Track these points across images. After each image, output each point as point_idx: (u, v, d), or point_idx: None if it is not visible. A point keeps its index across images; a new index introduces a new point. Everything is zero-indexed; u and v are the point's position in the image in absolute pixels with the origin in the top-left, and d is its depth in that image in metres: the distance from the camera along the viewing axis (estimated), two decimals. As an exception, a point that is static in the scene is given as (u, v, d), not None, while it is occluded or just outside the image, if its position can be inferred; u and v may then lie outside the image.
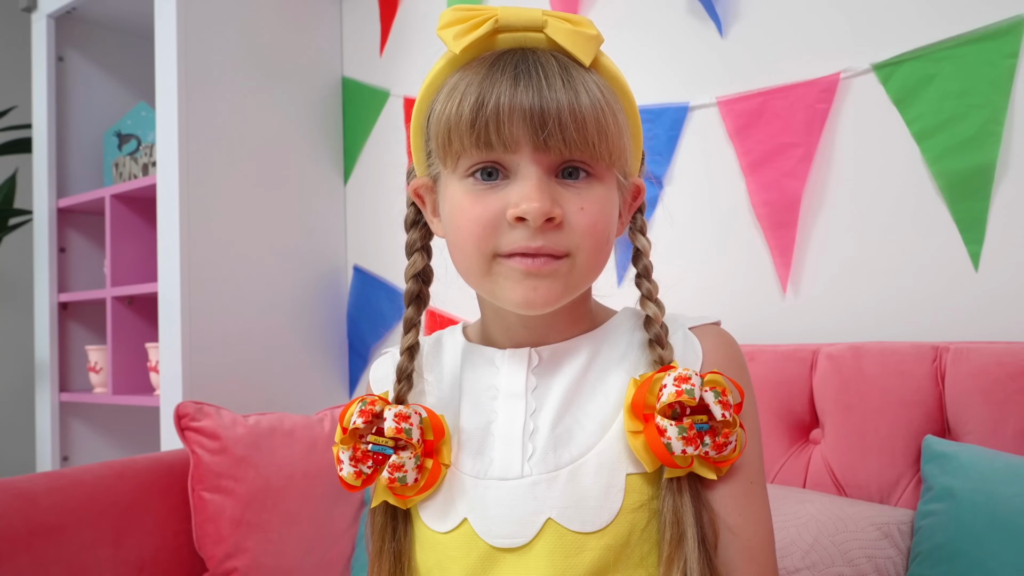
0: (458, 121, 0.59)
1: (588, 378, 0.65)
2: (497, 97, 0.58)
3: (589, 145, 0.59)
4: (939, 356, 1.07)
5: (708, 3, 1.42)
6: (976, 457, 0.94)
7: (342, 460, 0.63)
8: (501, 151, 0.59)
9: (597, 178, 0.61)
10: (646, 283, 0.67)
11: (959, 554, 0.88)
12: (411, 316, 0.68)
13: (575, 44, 0.60)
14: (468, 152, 0.60)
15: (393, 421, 0.62)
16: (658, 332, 0.65)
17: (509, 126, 0.58)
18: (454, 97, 0.60)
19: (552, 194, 0.59)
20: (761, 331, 1.35)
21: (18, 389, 2.47)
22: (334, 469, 0.65)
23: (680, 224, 1.45)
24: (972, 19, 1.17)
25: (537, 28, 0.60)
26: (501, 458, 0.63)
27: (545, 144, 0.58)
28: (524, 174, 0.59)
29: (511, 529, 0.61)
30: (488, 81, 0.59)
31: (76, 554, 1.18)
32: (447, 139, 0.60)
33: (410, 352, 0.67)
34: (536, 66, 0.59)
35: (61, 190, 2.03)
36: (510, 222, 0.59)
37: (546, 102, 0.57)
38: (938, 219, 1.21)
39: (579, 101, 0.58)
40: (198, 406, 1.36)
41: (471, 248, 0.61)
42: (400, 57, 1.94)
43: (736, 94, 1.39)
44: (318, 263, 1.96)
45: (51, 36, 2.02)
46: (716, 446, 0.60)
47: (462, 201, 0.61)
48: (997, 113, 1.14)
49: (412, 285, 0.69)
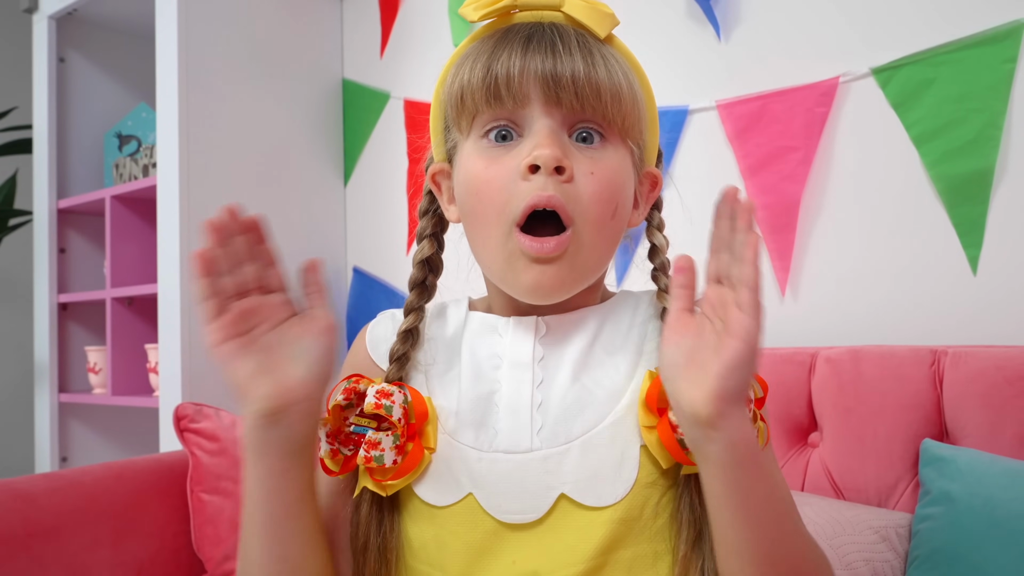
0: (471, 79, 0.60)
1: (596, 349, 0.63)
2: (509, 56, 0.58)
3: (602, 105, 0.59)
4: (937, 360, 1.07)
5: (707, 6, 1.42)
6: (974, 461, 0.95)
7: (320, 439, 0.61)
8: (512, 105, 0.59)
9: (611, 144, 0.61)
10: (664, 278, 0.66)
11: (957, 558, 0.88)
12: (412, 301, 0.67)
13: (592, 19, 0.61)
14: (481, 109, 0.60)
15: (374, 397, 0.60)
16: None
17: (521, 80, 0.58)
18: (467, 62, 0.61)
19: (564, 146, 0.59)
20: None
21: (17, 389, 2.47)
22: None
23: (679, 227, 1.45)
24: (971, 23, 1.17)
25: (555, 7, 0.61)
26: (507, 431, 0.61)
27: (557, 98, 0.58)
28: (537, 127, 0.59)
29: (522, 504, 0.59)
30: (501, 45, 0.59)
31: (75, 555, 1.18)
32: (460, 99, 0.61)
33: (405, 336, 0.65)
34: (552, 32, 0.59)
35: (61, 191, 2.03)
36: (523, 174, 0.58)
37: (560, 64, 0.58)
38: (937, 223, 1.21)
39: (595, 66, 0.58)
40: (197, 407, 1.37)
41: (488, 218, 0.60)
42: (400, 59, 1.94)
43: (735, 97, 1.39)
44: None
45: (52, 37, 2.02)
46: None
47: (476, 164, 0.61)
48: (996, 117, 1.14)
49: (417, 271, 0.68)
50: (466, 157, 0.62)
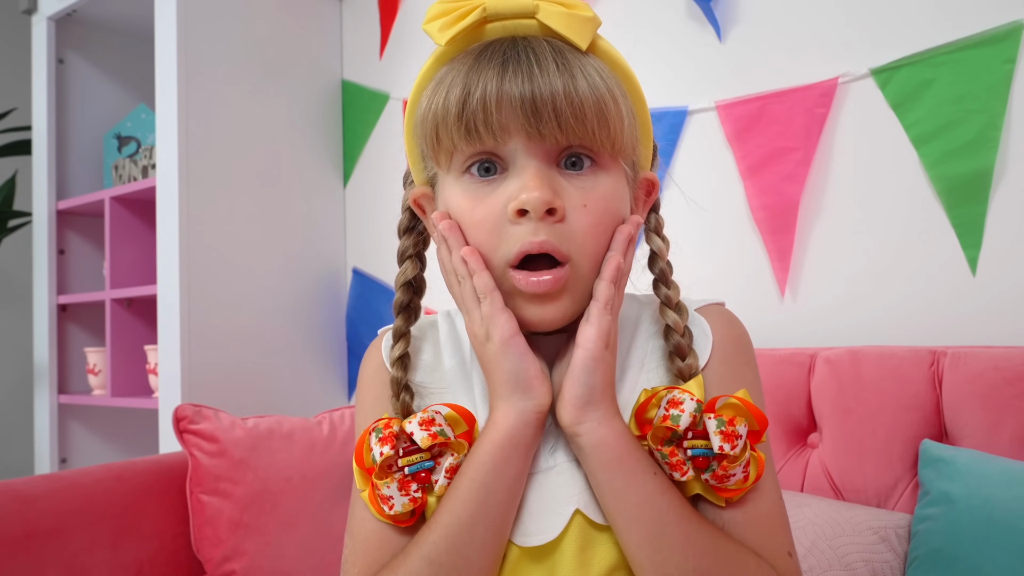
0: (445, 115, 0.56)
1: None
2: (484, 85, 0.54)
3: (588, 131, 0.55)
4: (936, 360, 1.07)
5: (707, 7, 1.42)
6: (973, 461, 0.95)
7: (391, 497, 0.58)
8: (492, 142, 0.55)
9: (603, 168, 0.57)
10: (664, 289, 0.63)
11: (956, 558, 0.88)
12: (399, 327, 0.64)
13: (570, 28, 0.57)
14: (459, 147, 0.57)
15: (422, 430, 0.57)
16: (679, 342, 0.61)
17: (498, 115, 0.54)
18: (440, 91, 0.57)
19: (553, 184, 0.55)
20: (759, 335, 1.35)
21: (17, 391, 2.47)
22: (333, 472, 0.63)
23: (678, 228, 1.45)
24: (970, 24, 1.17)
25: (528, 14, 0.57)
26: None
27: (539, 133, 0.55)
28: (521, 164, 0.56)
29: (539, 525, 0.58)
30: (475, 71, 0.55)
31: (74, 556, 1.18)
32: (435, 135, 0.57)
33: (400, 363, 0.63)
34: (527, 52, 0.55)
35: (61, 192, 2.03)
36: (511, 218, 0.55)
37: (538, 88, 0.54)
38: (936, 224, 1.21)
39: (575, 85, 0.54)
40: (197, 409, 1.36)
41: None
42: (400, 60, 1.94)
43: (735, 98, 1.39)
44: (317, 266, 1.97)
45: (51, 38, 2.02)
46: (716, 477, 0.56)
47: (461, 204, 0.58)
48: (995, 118, 1.14)
49: (402, 295, 0.65)
50: (450, 194, 0.59)
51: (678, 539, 0.55)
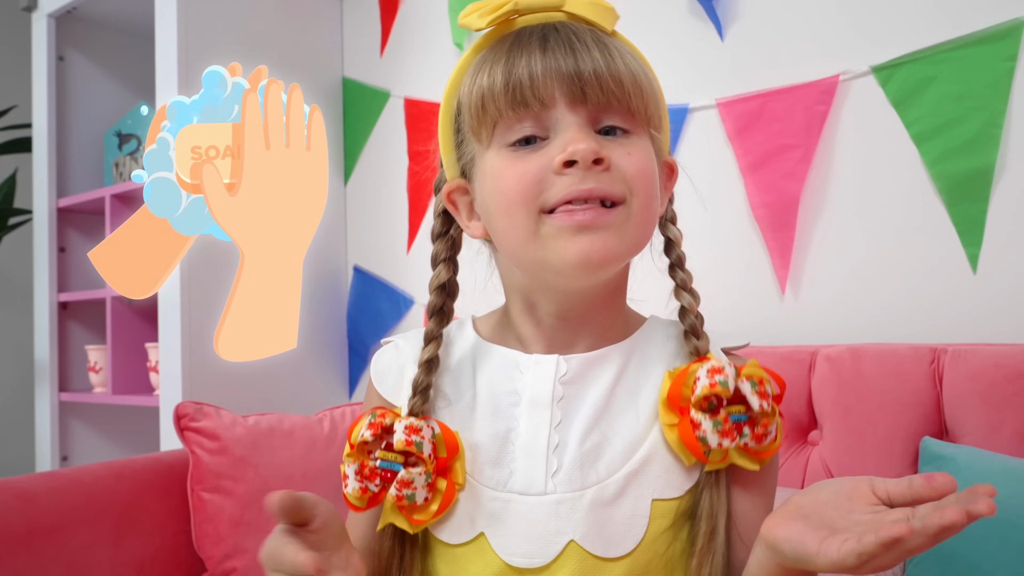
0: (491, 86, 0.58)
1: (618, 392, 0.62)
2: (528, 59, 0.57)
3: (627, 96, 0.58)
4: (937, 358, 1.07)
5: (708, 5, 1.42)
6: (973, 459, 0.95)
7: (347, 476, 0.60)
8: (538, 108, 0.57)
9: (635, 135, 0.60)
10: (680, 273, 0.66)
11: (956, 556, 0.88)
12: (431, 329, 0.65)
13: (595, 14, 0.60)
14: (504, 114, 0.58)
15: (403, 433, 0.59)
16: (693, 322, 0.63)
17: (544, 83, 0.57)
18: (483, 70, 0.59)
19: (597, 139, 0.57)
20: (760, 332, 1.35)
21: (17, 389, 2.47)
22: (333, 470, 0.63)
23: (679, 225, 1.45)
24: (971, 22, 1.17)
25: (557, 7, 0.60)
26: (523, 471, 0.60)
27: (583, 94, 0.57)
28: (564, 125, 0.57)
29: (530, 548, 0.58)
30: (516, 49, 0.58)
31: (75, 554, 1.18)
32: (481, 106, 0.58)
33: (427, 366, 0.63)
34: (566, 32, 0.58)
35: (61, 190, 2.03)
36: (556, 171, 0.56)
37: (581, 61, 0.57)
38: (937, 221, 1.21)
39: (613, 59, 0.58)
40: (197, 406, 1.37)
41: (516, 207, 0.57)
42: (401, 57, 1.94)
43: (736, 96, 1.39)
44: (318, 263, 1.96)
45: (51, 36, 2.02)
46: (755, 436, 0.58)
47: (501, 166, 0.58)
48: (996, 116, 1.14)
49: (435, 297, 0.66)
50: (489, 164, 0.60)
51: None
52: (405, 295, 1.85)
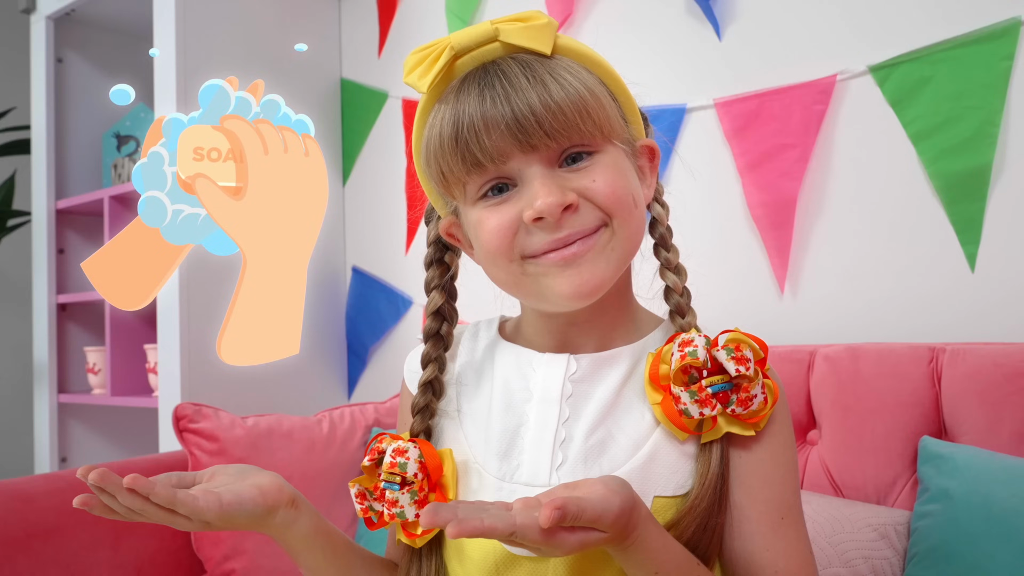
0: (442, 152, 0.60)
1: (626, 392, 0.64)
2: (470, 118, 0.58)
3: (575, 129, 0.58)
4: (936, 357, 1.07)
5: (706, 5, 1.42)
6: (972, 458, 0.95)
7: (353, 498, 0.65)
8: (492, 165, 0.59)
9: (600, 152, 0.61)
10: (664, 252, 0.67)
11: (955, 555, 0.88)
12: (427, 352, 0.68)
13: (531, 39, 0.60)
14: (465, 177, 0.60)
15: (390, 456, 0.62)
16: (678, 301, 0.65)
17: (489, 140, 0.58)
18: (433, 131, 0.61)
19: (560, 184, 0.59)
20: (758, 332, 1.34)
21: (16, 390, 2.47)
22: (333, 470, 0.65)
23: (677, 225, 1.45)
24: (968, 21, 1.17)
25: (491, 39, 0.61)
26: (529, 463, 0.62)
27: (531, 145, 0.58)
28: (527, 176, 0.59)
29: None
30: (458, 106, 0.59)
31: (74, 556, 1.18)
32: (441, 173, 0.62)
33: (426, 388, 0.67)
34: (497, 76, 0.59)
35: (60, 191, 2.03)
36: (528, 225, 0.59)
37: (516, 107, 0.57)
38: (935, 220, 1.21)
39: (549, 93, 0.58)
40: (196, 408, 1.37)
41: (499, 257, 0.61)
42: (399, 58, 1.94)
43: (733, 95, 1.39)
44: (317, 264, 1.95)
45: (50, 37, 2.02)
46: (741, 402, 0.60)
47: (480, 219, 0.61)
48: (993, 115, 1.14)
49: (431, 323, 0.69)
50: (471, 218, 0.63)
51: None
52: (404, 296, 1.85)
